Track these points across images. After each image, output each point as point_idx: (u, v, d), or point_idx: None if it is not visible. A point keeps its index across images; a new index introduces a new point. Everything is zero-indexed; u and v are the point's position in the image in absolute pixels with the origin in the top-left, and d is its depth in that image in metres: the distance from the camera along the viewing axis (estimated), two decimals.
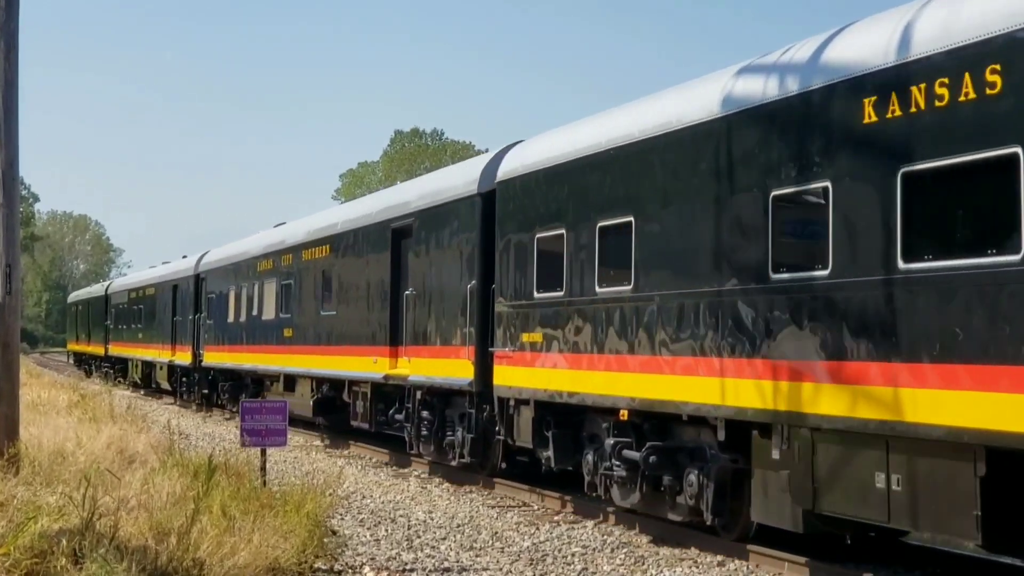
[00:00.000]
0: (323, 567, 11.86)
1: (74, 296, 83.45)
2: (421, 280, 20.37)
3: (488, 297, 17.91)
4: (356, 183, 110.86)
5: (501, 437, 17.92)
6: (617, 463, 14.45)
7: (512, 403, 17.21)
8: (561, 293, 15.59)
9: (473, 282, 18.17)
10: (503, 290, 17.37)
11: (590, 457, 15.36)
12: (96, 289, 69.10)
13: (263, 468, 15.54)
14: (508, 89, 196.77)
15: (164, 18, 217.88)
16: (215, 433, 28.81)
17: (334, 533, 13.76)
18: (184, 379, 41.12)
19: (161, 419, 28.90)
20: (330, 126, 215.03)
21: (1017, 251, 9.07)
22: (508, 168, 17.75)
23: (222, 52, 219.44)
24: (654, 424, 14.14)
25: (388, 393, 22.56)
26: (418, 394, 20.61)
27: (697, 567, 12.71)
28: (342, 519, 15.35)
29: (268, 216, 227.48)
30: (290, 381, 28.76)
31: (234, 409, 32.04)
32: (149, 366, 47.78)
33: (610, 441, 14.69)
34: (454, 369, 18.79)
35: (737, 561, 12.82)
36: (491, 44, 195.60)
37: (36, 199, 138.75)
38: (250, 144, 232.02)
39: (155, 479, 13.31)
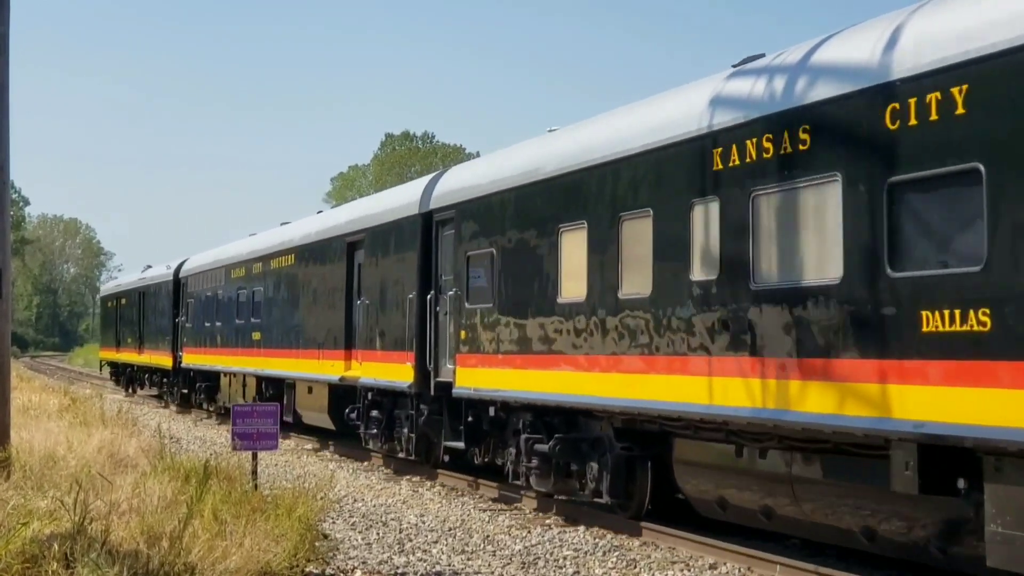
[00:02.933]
0: (315, 571, 11.85)
1: (111, 287, 60.01)
2: None
3: None
4: (347, 186, 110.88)
5: None
6: None
7: None
8: None
9: None
10: None
11: None
12: (155, 273, 46.18)
13: (254, 472, 15.52)
14: (498, 92, 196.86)
15: (154, 21, 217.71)
16: (206, 437, 28.78)
17: (326, 537, 13.74)
18: (373, 412, 22.06)
19: (152, 423, 28.88)
20: (320, 129, 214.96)
21: None
22: None
23: (212, 56, 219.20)
24: None
25: None
26: None
27: (689, 570, 12.71)
28: (334, 523, 15.35)
29: (257, 220, 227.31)
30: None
31: (533, 493, 17.11)
32: (278, 386, 28.98)
33: None
34: None
35: (730, 564, 12.82)
36: (481, 47, 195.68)
37: (26, 202, 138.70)
38: (240, 147, 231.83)
39: (146, 483, 13.30)
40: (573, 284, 14.97)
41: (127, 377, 51.63)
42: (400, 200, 21.54)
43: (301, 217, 31.00)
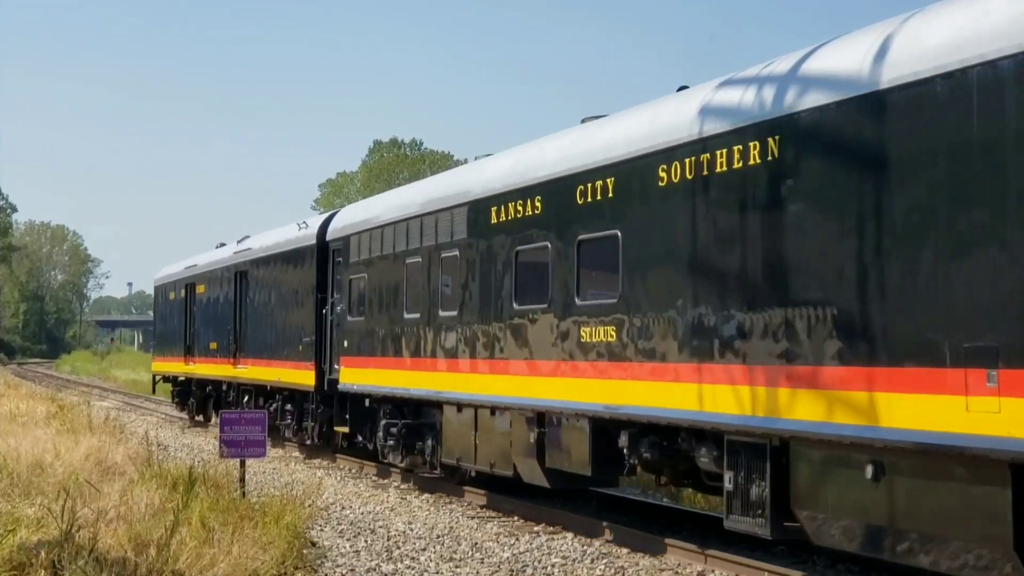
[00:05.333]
0: None
1: (177, 269, 39.75)
2: None
3: None
4: (335, 193, 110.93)
5: None
6: None
7: None
8: None
9: None
10: None
11: None
12: (274, 240, 28.38)
13: (242, 479, 15.53)
14: (487, 99, 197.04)
15: (143, 28, 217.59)
16: (194, 444, 28.71)
17: (313, 544, 13.77)
18: None
19: (139, 431, 28.83)
20: (308, 136, 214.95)
21: None
22: None
23: (201, 64, 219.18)
24: None
25: None
26: None
27: None
28: (322, 530, 15.34)
29: (246, 226, 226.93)
30: None
31: None
32: (670, 447, 13.40)
33: None
34: None
35: (717, 571, 12.84)
36: (469, 55, 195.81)
37: (14, 209, 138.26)
38: (227, 155, 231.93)
39: (134, 490, 13.31)
40: None
41: (201, 399, 35.38)
42: None
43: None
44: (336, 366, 23.23)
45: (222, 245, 35.49)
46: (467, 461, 17.87)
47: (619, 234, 13.69)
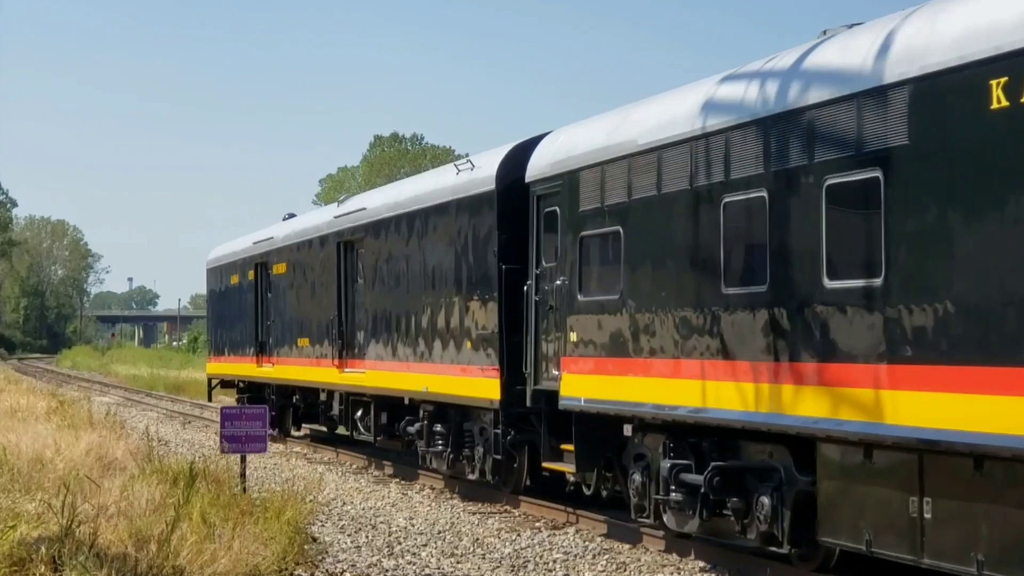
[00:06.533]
0: (303, 574, 11.84)
1: (243, 246, 31.02)
2: None
3: None
4: (336, 188, 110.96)
5: None
6: None
7: None
8: None
9: None
10: None
11: None
12: (408, 192, 20.68)
13: (243, 475, 15.51)
14: (487, 94, 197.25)
15: (143, 26, 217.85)
16: (195, 440, 28.70)
17: (314, 540, 13.76)
18: None
19: (140, 426, 28.83)
20: (309, 132, 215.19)
21: None
22: None
23: (200, 61, 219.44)
24: None
25: None
26: None
27: (679, 573, 12.70)
28: (322, 526, 15.32)
29: (245, 226, 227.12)
30: None
31: None
32: None
33: None
34: None
35: (720, 568, 12.81)
36: (469, 50, 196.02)
37: (14, 204, 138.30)
38: (227, 151, 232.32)
39: (134, 486, 13.29)
40: None
41: (282, 409, 28.00)
42: None
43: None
44: (554, 371, 15.35)
45: (291, 216, 29.09)
46: (893, 548, 9.99)
47: None
